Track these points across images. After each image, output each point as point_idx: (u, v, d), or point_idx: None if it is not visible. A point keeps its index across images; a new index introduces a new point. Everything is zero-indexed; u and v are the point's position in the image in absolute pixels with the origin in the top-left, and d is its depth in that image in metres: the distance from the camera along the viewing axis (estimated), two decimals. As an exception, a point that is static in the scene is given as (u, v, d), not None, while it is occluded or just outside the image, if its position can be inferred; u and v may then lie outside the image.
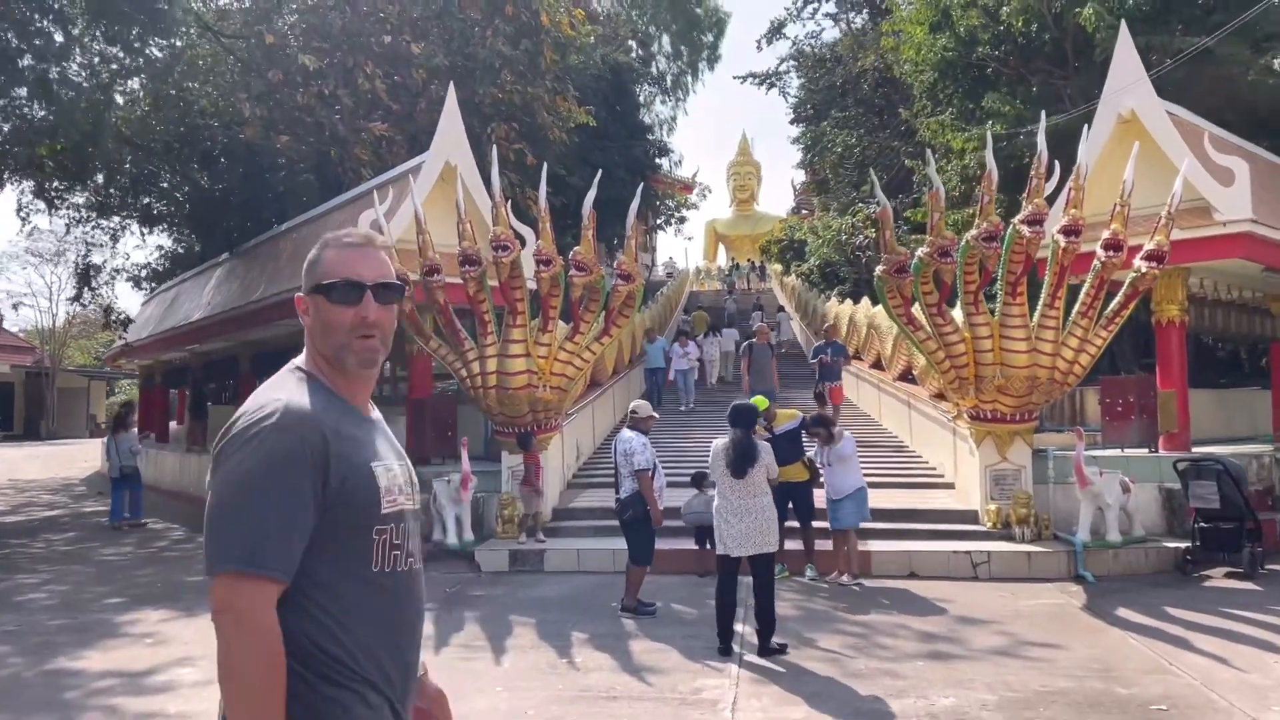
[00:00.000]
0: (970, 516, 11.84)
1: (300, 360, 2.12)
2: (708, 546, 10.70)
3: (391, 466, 2.06)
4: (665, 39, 47.17)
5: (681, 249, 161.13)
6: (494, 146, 11.92)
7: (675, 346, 21.05)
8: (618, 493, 9.09)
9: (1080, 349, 11.25)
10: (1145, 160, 11.91)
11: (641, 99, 38.45)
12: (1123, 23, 13.02)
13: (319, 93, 19.65)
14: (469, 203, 12.63)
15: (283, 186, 21.51)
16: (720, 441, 7.80)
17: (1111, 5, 15.52)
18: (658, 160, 40.07)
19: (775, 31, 40.50)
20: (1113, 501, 10.62)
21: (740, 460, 7.50)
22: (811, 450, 10.73)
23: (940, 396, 14.50)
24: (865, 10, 35.64)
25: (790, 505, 10.46)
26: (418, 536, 2.13)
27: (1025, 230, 10.62)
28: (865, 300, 22.79)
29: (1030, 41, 17.79)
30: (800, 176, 53.46)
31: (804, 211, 50.66)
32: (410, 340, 13.78)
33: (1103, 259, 10.83)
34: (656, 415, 9.60)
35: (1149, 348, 19.52)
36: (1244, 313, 15.13)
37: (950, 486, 13.39)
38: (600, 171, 12.97)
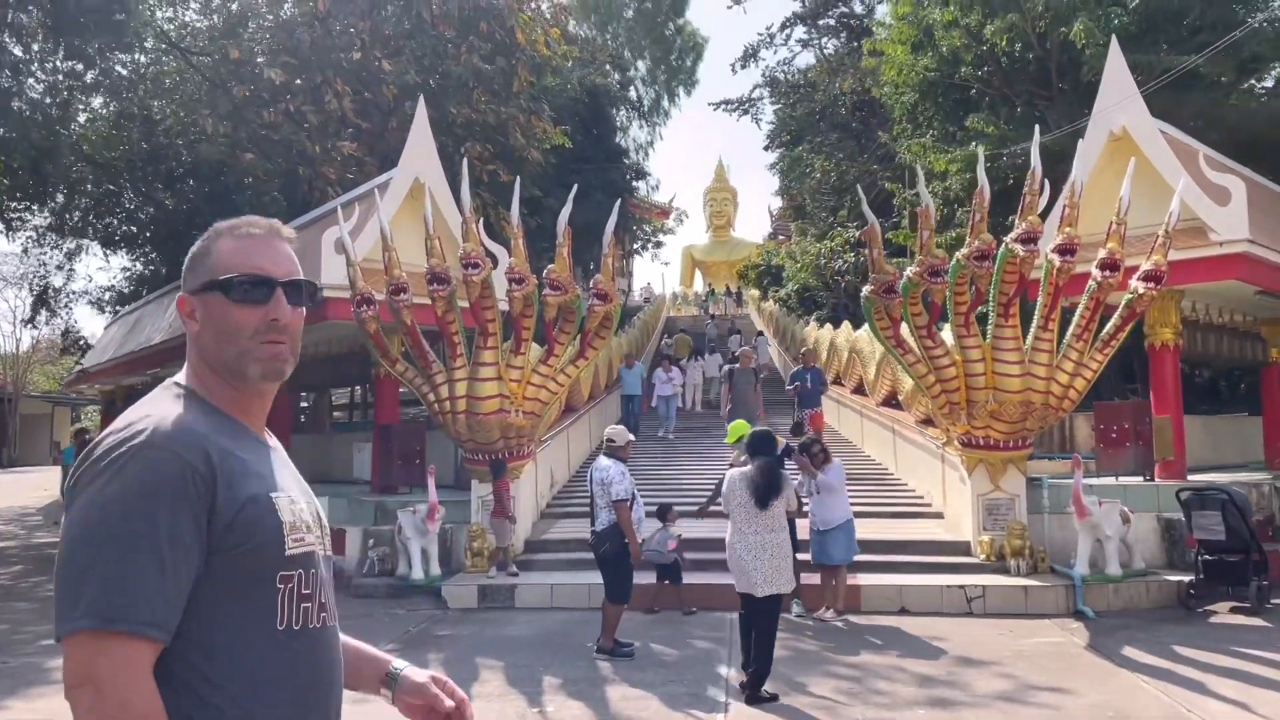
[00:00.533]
0: (962, 548, 11.33)
1: (179, 376, 1.69)
2: (667, 583, 10.17)
3: (296, 500, 1.63)
4: (642, 64, 47.07)
5: (659, 274, 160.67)
6: (464, 160, 11.40)
7: (658, 372, 20.30)
8: (593, 524, 8.51)
9: (1075, 373, 10.82)
10: (1138, 178, 11.56)
11: (619, 122, 38.12)
12: (1114, 38, 12.70)
13: (286, 110, 19.11)
14: (439, 220, 12.09)
15: (249, 206, 20.87)
16: (738, 471, 7.25)
17: (1100, 23, 15.26)
18: (635, 184, 39.79)
19: (749, 57, 40.35)
20: (1112, 533, 10.15)
21: (767, 490, 6.93)
22: (796, 480, 10.19)
23: (927, 422, 14.04)
24: (843, 34, 35.53)
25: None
26: (331, 587, 1.67)
27: (1019, 249, 10.19)
28: (845, 325, 22.40)
29: (1014, 62, 17.54)
30: (777, 202, 53.45)
31: (781, 237, 50.47)
32: (376, 364, 13.18)
33: (1099, 279, 10.42)
34: (634, 438, 9.02)
35: (1132, 372, 19.24)
36: (1234, 337, 14.81)
37: (939, 516, 12.88)
38: (576, 187, 12.48)
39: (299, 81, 19.24)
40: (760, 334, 37.18)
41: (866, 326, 16.87)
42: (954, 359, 10.92)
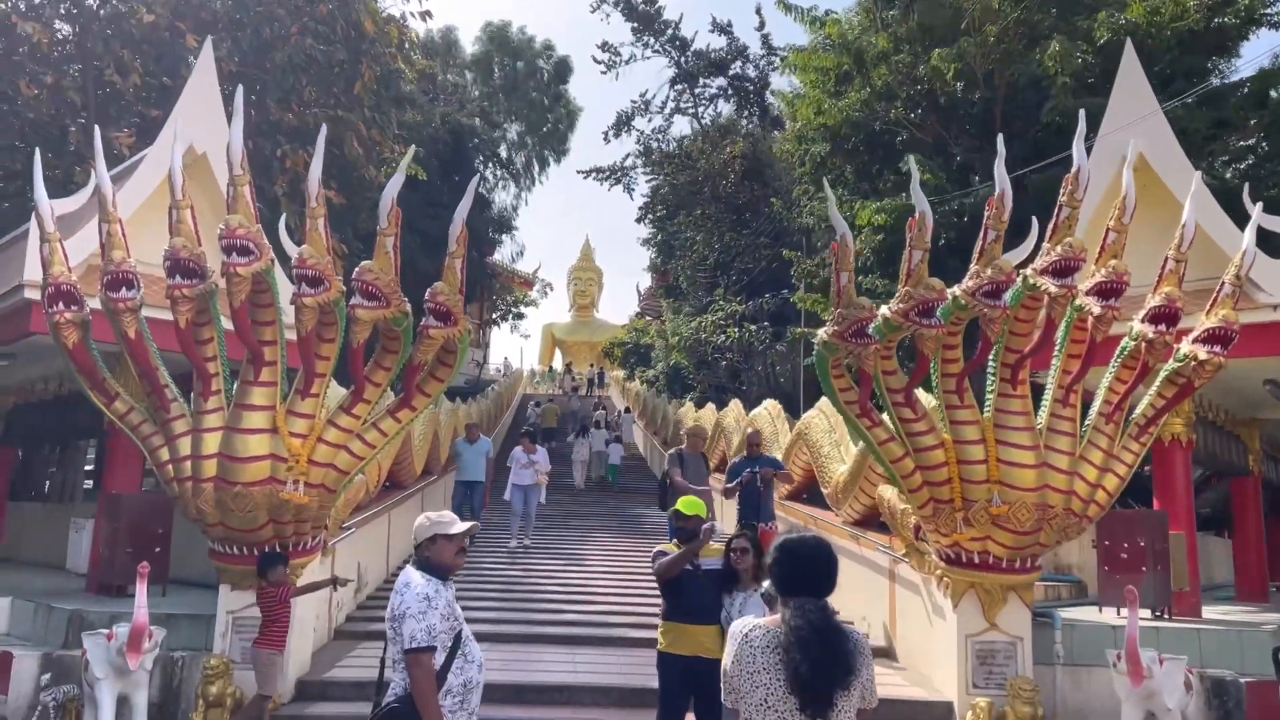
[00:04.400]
0: (941, 714, 7.87)
1: None
2: None
3: None
4: (514, 127, 44.06)
5: (517, 348, 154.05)
6: (238, 88, 7.57)
7: (516, 453, 14.80)
8: (377, 692, 4.66)
9: (1105, 467, 7.74)
10: (1156, 216, 8.83)
11: (486, 178, 34.64)
12: (1128, 40, 10.09)
13: (50, 84, 14.74)
14: (200, 187, 8.16)
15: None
16: (751, 624, 3.37)
17: (1059, 61, 12.90)
18: (499, 236, 36.25)
19: (623, 125, 37.84)
20: (1175, 705, 6.91)
21: (831, 671, 3.15)
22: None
23: (861, 524, 10.73)
24: (733, 98, 33.38)
25: (695, 696, 6.31)
26: None
27: (1050, 284, 7.08)
28: (735, 403, 19.24)
29: (955, 103, 15.08)
30: (646, 280, 50.96)
31: (649, 317, 47.72)
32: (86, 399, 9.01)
33: (1149, 336, 7.41)
34: (465, 533, 5.10)
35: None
36: (1221, 437, 12.25)
37: (888, 655, 9.43)
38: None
39: (69, 47, 14.93)
40: (627, 410, 34.10)
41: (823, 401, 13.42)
42: (941, 438, 7.66)
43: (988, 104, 14.86)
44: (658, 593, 10.98)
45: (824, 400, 13.22)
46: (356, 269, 7.27)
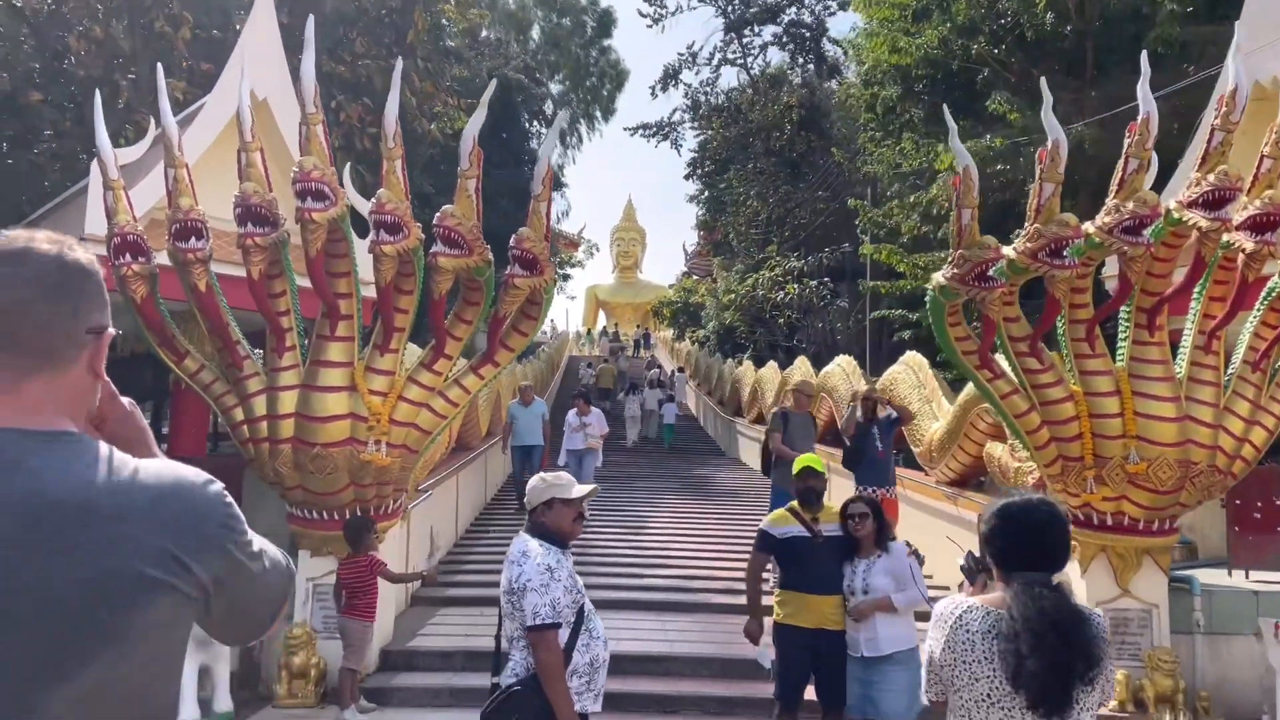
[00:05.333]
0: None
1: None
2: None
3: None
4: (555, 86, 43.25)
5: (563, 310, 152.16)
6: (309, 18, 7.04)
7: (570, 416, 14.31)
8: (496, 672, 4.18)
9: (1252, 419, 7.07)
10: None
11: (532, 131, 33.95)
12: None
13: (99, 37, 14.32)
14: (266, 131, 7.68)
15: (46, 163, 15.88)
16: (964, 604, 2.80)
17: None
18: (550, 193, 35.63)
19: (669, 78, 36.95)
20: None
21: (1072, 666, 2.57)
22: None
23: (957, 484, 10.14)
24: (789, 45, 32.30)
25: (816, 671, 5.81)
26: None
27: (1200, 219, 6.37)
28: (801, 360, 18.62)
29: (1042, 38, 14.14)
30: (692, 239, 50.16)
31: (696, 276, 46.98)
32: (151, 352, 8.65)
33: (1249, 246, 6.63)
34: (585, 497, 4.57)
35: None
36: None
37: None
38: (494, 81, 8.34)
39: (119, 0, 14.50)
40: (680, 370, 33.63)
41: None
42: (1070, 390, 7.03)
43: (1080, 37, 13.91)
44: (737, 558, 10.59)
45: (909, 355, 12.57)
46: (437, 214, 6.78)
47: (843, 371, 14.73)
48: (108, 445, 1.32)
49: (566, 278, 46.15)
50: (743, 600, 6.43)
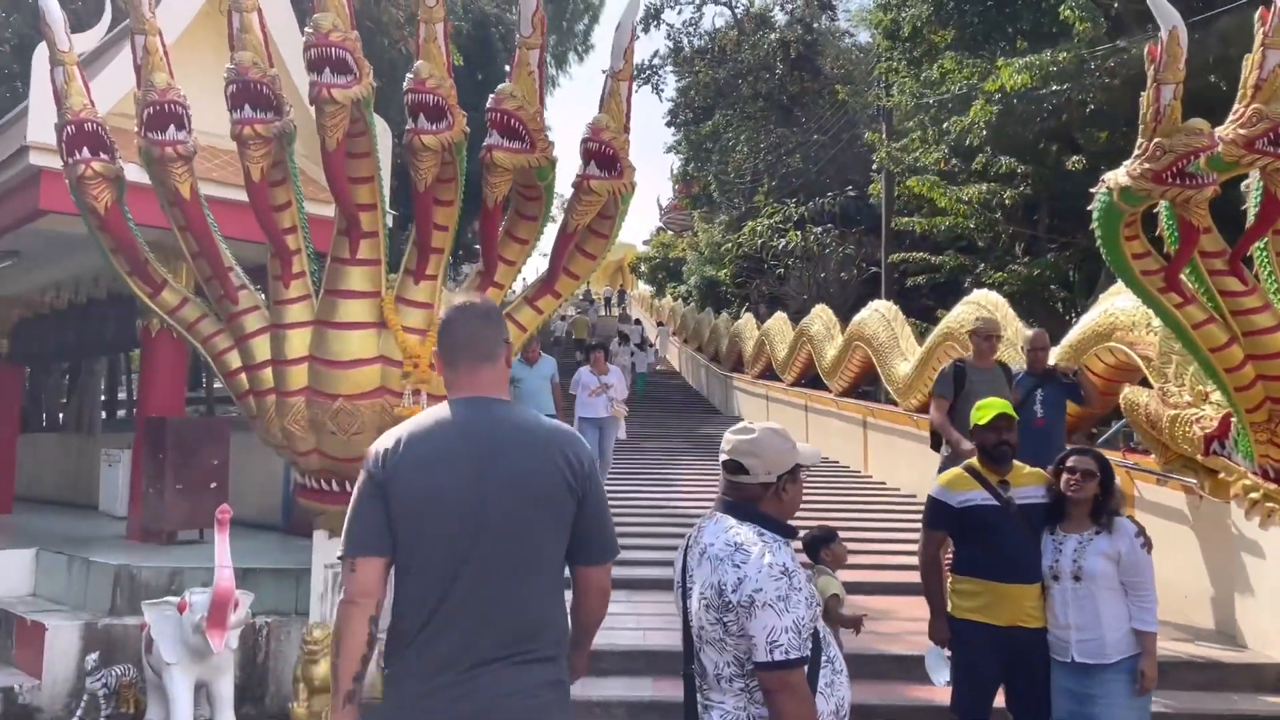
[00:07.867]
0: (1273, 678, 6.00)
1: None
2: None
3: None
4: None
5: (533, 266, 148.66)
6: None
7: (583, 374, 11.32)
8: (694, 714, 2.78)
9: None
10: None
11: (509, 71, 32.03)
12: None
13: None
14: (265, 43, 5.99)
15: None
16: None
17: None
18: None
19: (650, 19, 35.11)
20: None
21: None
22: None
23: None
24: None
25: (1008, 680, 4.50)
26: None
27: None
28: (821, 309, 17.30)
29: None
30: (667, 194, 48.54)
31: (670, 231, 45.45)
32: (143, 309, 7.06)
33: None
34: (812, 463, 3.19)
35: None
36: None
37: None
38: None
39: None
40: (661, 325, 32.53)
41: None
42: None
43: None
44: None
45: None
46: (492, 96, 5.25)
47: (883, 317, 13.42)
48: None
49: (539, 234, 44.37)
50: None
